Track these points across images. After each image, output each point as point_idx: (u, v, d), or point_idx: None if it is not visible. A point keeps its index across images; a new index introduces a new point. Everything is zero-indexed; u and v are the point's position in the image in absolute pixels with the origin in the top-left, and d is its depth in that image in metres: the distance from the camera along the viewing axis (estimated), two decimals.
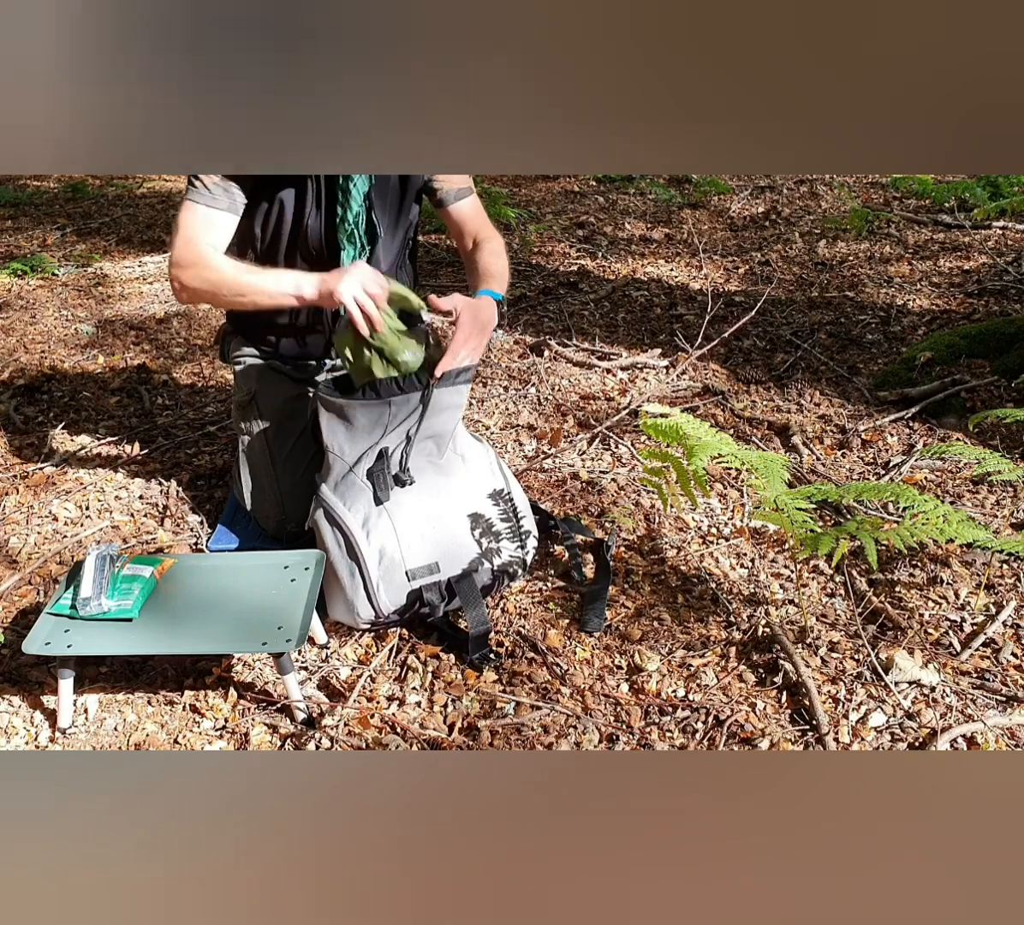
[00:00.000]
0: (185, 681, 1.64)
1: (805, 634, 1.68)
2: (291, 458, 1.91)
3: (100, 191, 5.26)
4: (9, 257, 4.06)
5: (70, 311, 3.47)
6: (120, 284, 3.75)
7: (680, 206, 4.63)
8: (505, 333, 3.15)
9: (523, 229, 4.22)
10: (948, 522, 1.54)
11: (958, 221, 4.01)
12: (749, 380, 2.78)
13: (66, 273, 3.87)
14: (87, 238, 4.42)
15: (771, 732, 1.47)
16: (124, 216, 4.79)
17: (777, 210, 4.46)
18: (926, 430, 2.42)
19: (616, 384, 2.78)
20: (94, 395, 2.78)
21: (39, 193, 5.24)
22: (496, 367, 2.89)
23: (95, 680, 1.64)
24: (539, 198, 4.92)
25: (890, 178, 4.67)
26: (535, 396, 2.69)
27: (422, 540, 1.68)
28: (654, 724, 1.51)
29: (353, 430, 1.66)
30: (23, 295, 3.63)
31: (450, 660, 1.65)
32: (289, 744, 1.50)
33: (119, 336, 3.23)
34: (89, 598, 1.51)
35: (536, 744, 1.47)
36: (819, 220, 4.26)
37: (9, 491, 2.24)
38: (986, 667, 1.60)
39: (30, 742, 1.53)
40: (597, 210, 4.65)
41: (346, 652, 1.69)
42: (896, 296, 3.34)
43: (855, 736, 1.46)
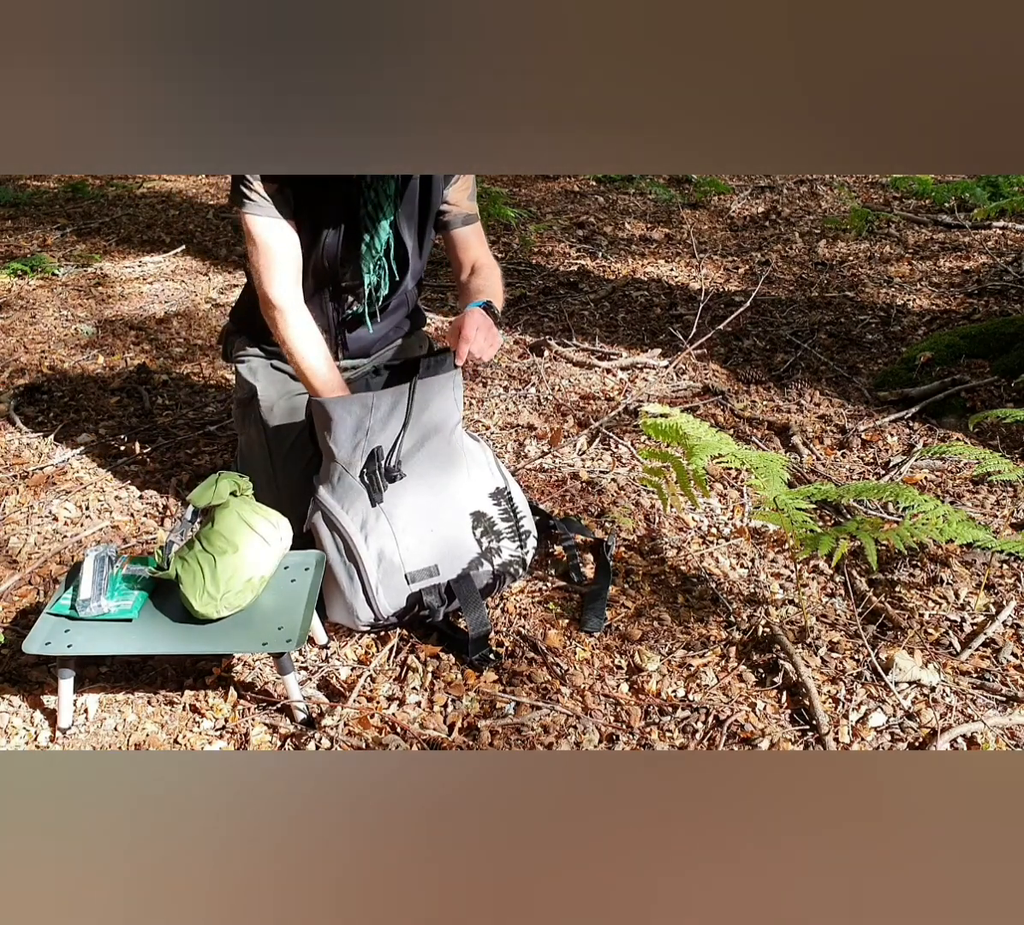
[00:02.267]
0: (185, 681, 1.64)
1: (805, 634, 1.68)
2: (290, 457, 1.90)
3: (100, 191, 5.26)
4: (9, 257, 4.06)
5: (70, 311, 3.47)
6: (120, 284, 3.75)
7: (680, 206, 4.63)
8: (505, 333, 3.15)
9: (523, 229, 4.22)
10: (948, 522, 1.54)
11: (958, 221, 4.01)
12: (749, 380, 2.78)
13: (66, 273, 3.87)
14: (87, 238, 4.42)
15: (771, 732, 1.47)
16: (124, 216, 4.79)
17: (777, 210, 4.46)
18: (926, 430, 2.42)
19: (616, 384, 2.78)
20: (94, 395, 2.78)
21: (39, 193, 5.24)
22: (496, 367, 2.89)
23: (95, 680, 1.64)
24: (539, 198, 4.92)
25: (890, 178, 4.67)
26: (535, 396, 2.69)
27: (421, 542, 1.68)
28: (654, 724, 1.51)
29: (340, 429, 1.66)
30: (23, 295, 3.63)
31: (450, 660, 1.65)
32: (289, 744, 1.50)
33: (119, 336, 3.23)
34: (88, 599, 1.51)
35: (536, 744, 1.47)
36: (819, 220, 4.26)
37: (9, 491, 2.24)
38: (986, 667, 1.60)
39: (30, 742, 1.53)
40: (597, 210, 4.65)
41: (346, 652, 1.69)
42: (896, 296, 3.34)
43: (855, 736, 1.46)
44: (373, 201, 1.75)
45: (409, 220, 1.84)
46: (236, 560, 1.50)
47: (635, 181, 5.06)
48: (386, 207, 1.77)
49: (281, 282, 1.72)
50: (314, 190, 1.72)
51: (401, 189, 1.78)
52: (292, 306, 1.73)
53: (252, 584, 1.52)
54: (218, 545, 1.50)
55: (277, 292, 1.72)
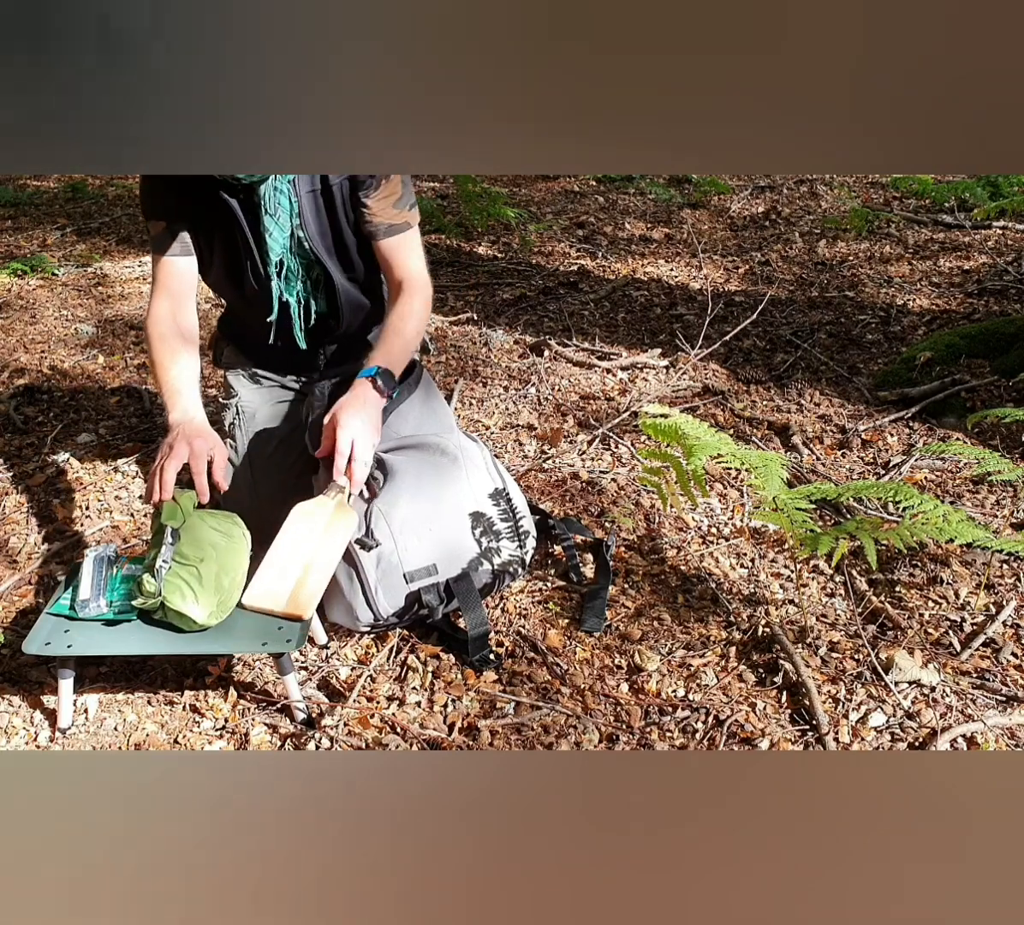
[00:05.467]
0: (185, 681, 1.64)
1: (805, 634, 1.68)
2: (272, 462, 1.90)
3: (100, 191, 5.26)
4: (9, 257, 4.06)
5: (70, 311, 3.47)
6: (120, 284, 3.75)
7: (680, 206, 4.63)
8: (505, 333, 3.15)
9: (523, 229, 4.22)
10: (948, 522, 1.54)
11: (958, 221, 4.01)
12: (749, 380, 2.78)
13: (66, 273, 3.87)
14: (87, 238, 4.42)
15: (771, 732, 1.47)
16: (124, 216, 4.79)
17: (777, 210, 4.46)
18: (926, 430, 2.42)
19: (616, 384, 2.78)
20: (94, 395, 2.78)
21: (39, 193, 5.24)
22: (496, 367, 2.89)
23: (95, 680, 1.64)
24: (539, 198, 4.92)
25: (890, 178, 4.67)
26: (535, 396, 2.69)
27: (420, 541, 1.68)
28: (654, 724, 1.51)
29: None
30: (23, 295, 3.63)
31: (450, 660, 1.65)
32: (289, 744, 1.50)
33: (119, 336, 3.23)
34: (88, 600, 1.50)
35: (536, 744, 1.47)
36: (819, 220, 4.26)
37: (9, 491, 2.24)
38: (986, 667, 1.59)
39: (30, 742, 1.53)
40: (597, 210, 4.65)
41: (346, 652, 1.69)
42: (896, 296, 3.34)
43: (855, 736, 1.46)
44: (265, 223, 1.72)
45: (323, 237, 1.78)
46: (214, 566, 1.49)
47: (635, 181, 5.06)
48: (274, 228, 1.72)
49: (153, 314, 1.78)
50: (210, 222, 1.74)
51: (303, 207, 1.72)
52: (158, 335, 1.77)
53: (235, 582, 1.52)
54: (193, 556, 1.49)
55: (148, 323, 1.79)
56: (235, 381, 2.02)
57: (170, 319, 1.78)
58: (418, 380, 1.90)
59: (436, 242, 4.13)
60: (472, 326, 3.24)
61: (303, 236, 1.75)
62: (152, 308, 1.79)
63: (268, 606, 1.51)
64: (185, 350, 1.76)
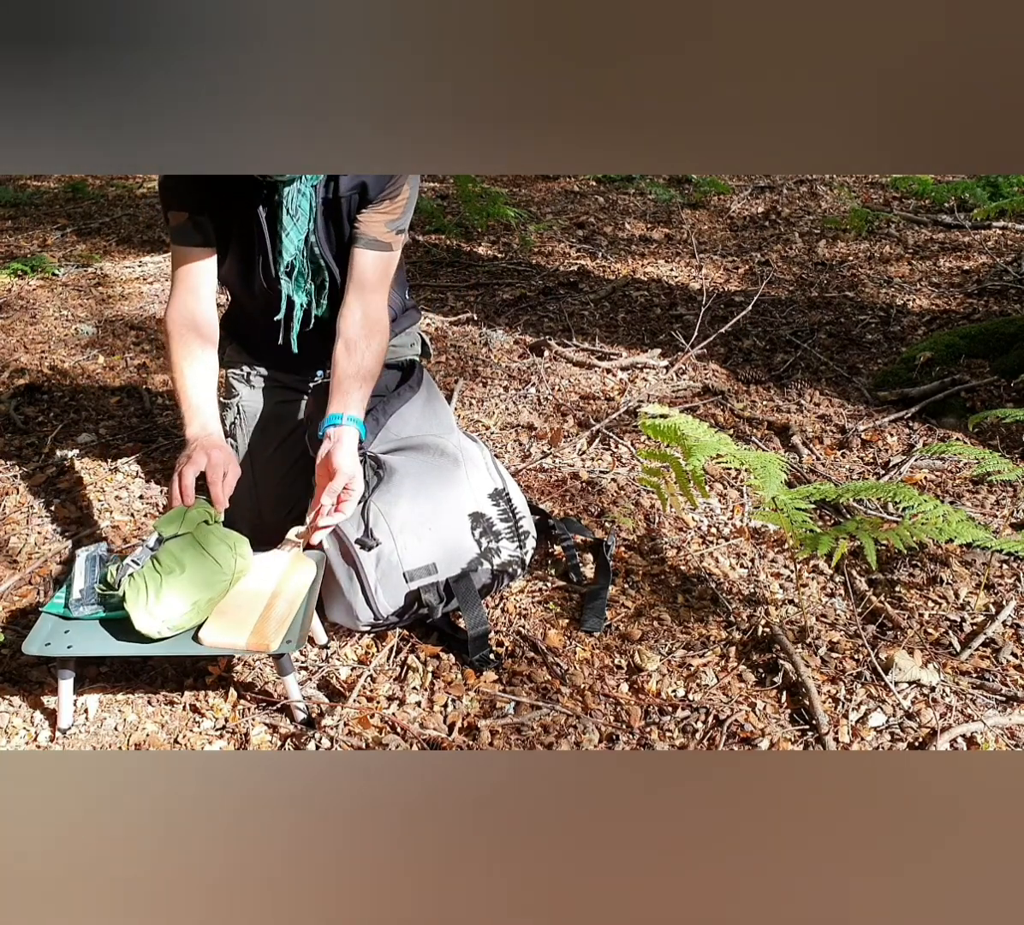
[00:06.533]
0: (185, 681, 1.64)
1: (805, 634, 1.68)
2: (272, 462, 1.91)
3: (100, 191, 5.26)
4: (9, 257, 4.06)
5: (70, 311, 3.47)
6: (120, 284, 3.75)
7: (680, 206, 4.63)
8: (505, 333, 3.15)
9: (523, 229, 4.22)
10: (948, 522, 1.54)
11: (958, 221, 4.01)
12: (749, 380, 2.78)
13: (66, 273, 3.87)
14: (87, 238, 4.42)
15: (771, 732, 1.47)
16: (124, 216, 4.79)
17: (777, 210, 4.46)
18: (926, 430, 2.42)
19: (616, 384, 2.78)
20: (94, 395, 2.78)
21: (39, 193, 5.24)
22: (496, 367, 2.89)
23: (95, 680, 1.64)
24: (539, 198, 4.92)
25: (890, 178, 4.67)
26: (535, 396, 2.69)
27: (419, 541, 1.68)
28: (654, 724, 1.51)
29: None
30: (23, 295, 3.63)
31: (450, 660, 1.65)
32: (289, 744, 1.50)
33: (119, 336, 3.23)
34: (81, 599, 1.50)
35: (536, 744, 1.47)
36: (819, 220, 4.26)
37: (9, 491, 2.24)
38: (986, 667, 1.60)
39: (30, 742, 1.53)
40: (597, 210, 4.65)
41: (346, 652, 1.69)
42: (896, 296, 3.34)
43: (855, 736, 1.46)
44: (284, 223, 1.72)
45: (330, 245, 1.78)
46: (182, 580, 1.46)
47: (635, 181, 5.06)
48: (292, 228, 1.72)
49: (174, 307, 1.75)
50: (229, 215, 1.73)
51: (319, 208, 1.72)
52: (176, 331, 1.74)
53: (199, 606, 1.46)
54: (167, 564, 1.47)
55: (168, 317, 1.75)
56: (236, 380, 2.02)
57: (189, 315, 1.75)
58: (419, 382, 1.90)
59: (436, 242, 4.12)
60: (472, 326, 3.24)
61: (315, 241, 1.75)
62: (172, 302, 1.76)
63: (228, 643, 1.45)
64: (203, 350, 1.74)
